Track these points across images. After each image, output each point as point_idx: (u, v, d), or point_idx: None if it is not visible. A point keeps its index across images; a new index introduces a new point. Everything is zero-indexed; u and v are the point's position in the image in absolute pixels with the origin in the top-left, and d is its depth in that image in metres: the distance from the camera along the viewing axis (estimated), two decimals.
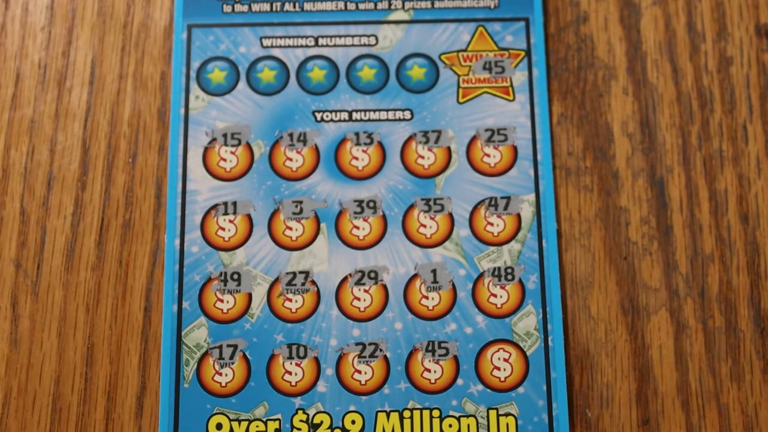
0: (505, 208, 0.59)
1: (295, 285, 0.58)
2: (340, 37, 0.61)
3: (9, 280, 0.58)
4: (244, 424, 0.56)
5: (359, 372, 0.57)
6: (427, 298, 0.58)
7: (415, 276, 0.58)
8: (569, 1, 0.62)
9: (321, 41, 0.61)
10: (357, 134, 0.60)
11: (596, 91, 0.61)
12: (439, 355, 0.57)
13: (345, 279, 0.58)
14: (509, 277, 0.58)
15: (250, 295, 0.57)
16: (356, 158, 0.60)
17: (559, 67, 0.61)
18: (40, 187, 0.60)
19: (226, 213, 0.59)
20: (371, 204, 0.59)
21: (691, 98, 0.61)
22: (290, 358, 0.57)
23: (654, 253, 0.59)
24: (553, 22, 0.62)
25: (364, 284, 0.58)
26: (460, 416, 0.56)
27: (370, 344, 0.57)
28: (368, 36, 0.61)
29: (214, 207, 0.59)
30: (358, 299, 0.57)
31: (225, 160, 0.60)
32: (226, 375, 0.56)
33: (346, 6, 0.62)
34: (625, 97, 0.61)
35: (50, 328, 0.58)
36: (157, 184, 0.60)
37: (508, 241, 0.58)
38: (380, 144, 0.60)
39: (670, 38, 0.62)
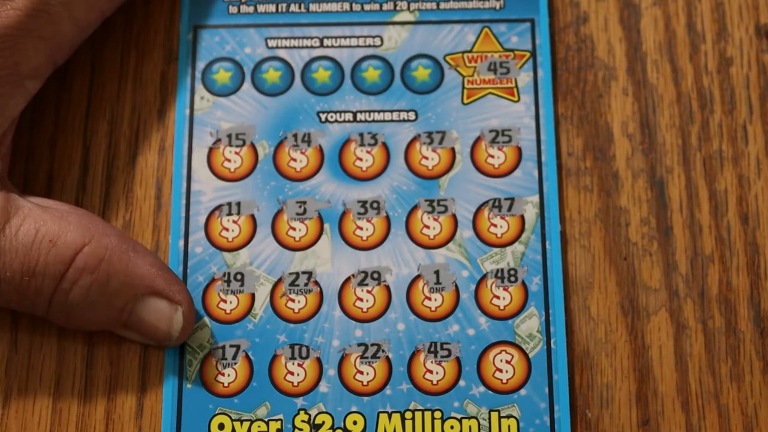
0: (509, 209, 0.59)
1: (298, 285, 0.58)
2: (345, 38, 0.61)
3: None
4: (246, 424, 0.56)
5: (361, 373, 0.56)
6: (429, 299, 0.57)
7: (418, 277, 0.58)
8: (569, 2, 0.62)
9: (326, 42, 0.61)
10: (361, 135, 0.60)
11: (596, 92, 0.61)
12: (442, 357, 0.57)
13: (348, 279, 0.58)
14: (512, 278, 0.58)
15: (253, 296, 0.57)
16: (360, 159, 0.59)
17: (559, 67, 0.61)
18: (41, 187, 0.59)
19: (230, 213, 0.58)
20: (375, 205, 0.59)
21: (691, 99, 0.61)
22: (292, 358, 0.57)
23: (654, 253, 0.59)
24: (553, 23, 0.62)
25: (366, 285, 0.58)
26: (461, 418, 0.56)
27: (372, 345, 0.57)
28: (373, 37, 0.61)
29: (218, 207, 0.59)
30: (361, 300, 0.57)
31: (229, 160, 0.59)
32: (229, 375, 0.56)
33: (351, 7, 0.61)
34: (625, 97, 0.61)
35: (50, 328, 0.57)
36: (157, 185, 0.59)
37: (511, 243, 0.58)
38: (384, 145, 0.60)
39: (670, 39, 0.62)
